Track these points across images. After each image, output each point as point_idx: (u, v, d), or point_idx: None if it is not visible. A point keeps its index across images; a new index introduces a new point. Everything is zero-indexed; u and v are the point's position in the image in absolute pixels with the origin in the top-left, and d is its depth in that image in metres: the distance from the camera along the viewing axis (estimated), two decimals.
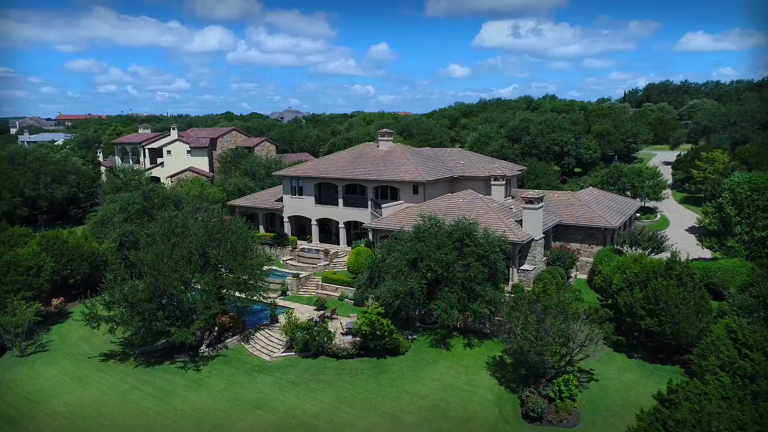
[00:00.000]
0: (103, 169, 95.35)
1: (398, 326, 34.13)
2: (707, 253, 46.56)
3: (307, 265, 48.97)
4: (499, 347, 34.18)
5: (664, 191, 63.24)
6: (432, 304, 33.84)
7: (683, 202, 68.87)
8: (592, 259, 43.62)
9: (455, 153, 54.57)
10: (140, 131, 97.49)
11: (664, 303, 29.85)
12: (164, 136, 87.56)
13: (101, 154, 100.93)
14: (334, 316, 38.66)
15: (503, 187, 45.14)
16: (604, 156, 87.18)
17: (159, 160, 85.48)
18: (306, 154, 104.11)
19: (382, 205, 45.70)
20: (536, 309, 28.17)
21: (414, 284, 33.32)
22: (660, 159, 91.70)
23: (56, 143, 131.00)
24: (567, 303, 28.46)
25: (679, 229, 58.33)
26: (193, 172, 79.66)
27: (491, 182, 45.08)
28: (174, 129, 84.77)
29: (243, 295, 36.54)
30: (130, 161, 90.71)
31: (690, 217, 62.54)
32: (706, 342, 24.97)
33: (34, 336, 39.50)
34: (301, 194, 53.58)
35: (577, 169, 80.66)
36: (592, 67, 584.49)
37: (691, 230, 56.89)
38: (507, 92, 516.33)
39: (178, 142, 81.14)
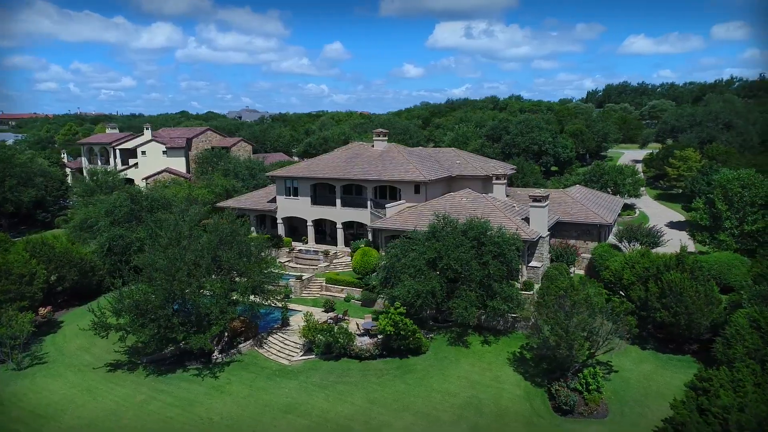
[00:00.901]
0: (68, 170, 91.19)
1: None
2: (690, 246, 48.85)
3: (307, 266, 48.40)
4: (516, 343, 34.83)
5: (642, 188, 65.84)
6: (451, 302, 34.09)
7: (658, 198, 71.94)
8: (589, 255, 44.96)
9: (450, 152, 55.09)
10: (108, 131, 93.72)
11: (678, 295, 31.14)
12: (136, 136, 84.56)
13: (65, 155, 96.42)
14: (346, 317, 38.41)
15: (505, 185, 45.92)
16: (577, 155, 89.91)
17: (132, 161, 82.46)
18: (281, 154, 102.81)
19: (386, 205, 45.65)
20: (564, 304, 28.83)
21: (435, 284, 33.49)
22: (628, 157, 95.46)
23: (7, 143, 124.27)
24: (592, 298, 29.28)
25: (659, 224, 60.70)
26: (170, 173, 77.26)
27: (493, 181, 45.75)
28: (147, 129, 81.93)
29: (256, 299, 35.71)
30: (99, 162, 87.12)
31: (666, 213, 65.38)
32: (731, 331, 26.22)
33: (28, 348, 37.43)
34: (296, 195, 52.84)
35: (554, 168, 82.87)
36: (541, 68, 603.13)
37: (670, 225, 59.45)
38: (460, 92, 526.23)
39: (153, 142, 78.49)
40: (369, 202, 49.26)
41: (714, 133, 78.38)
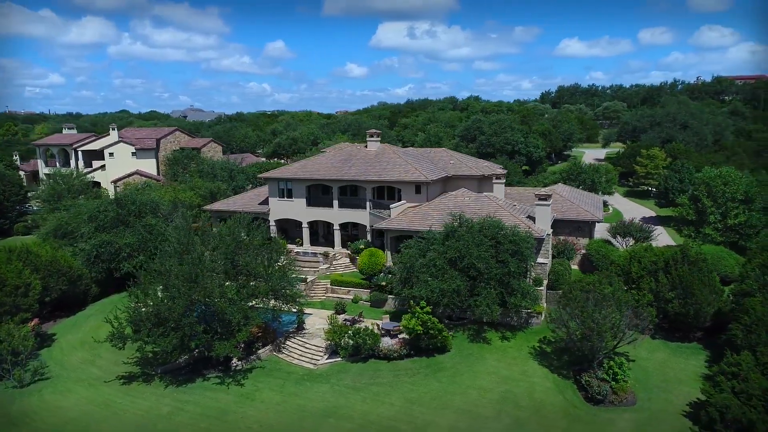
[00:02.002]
0: (22, 173, 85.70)
1: None
2: (667, 239, 51.89)
3: (307, 269, 47.80)
4: (533, 338, 35.89)
5: (614, 186, 69.09)
6: (473, 300, 34.70)
7: (627, 195, 75.70)
8: (583, 251, 46.82)
9: (442, 153, 55.81)
10: (65, 131, 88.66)
11: (688, 286, 33.10)
12: (100, 137, 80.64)
13: (17, 157, 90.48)
14: (361, 319, 38.32)
15: (503, 185, 47.09)
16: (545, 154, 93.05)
17: (96, 164, 78.47)
18: (249, 155, 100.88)
19: (391, 206, 45.76)
20: (591, 299, 30.01)
21: (459, 282, 34.03)
22: (590, 156, 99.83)
23: None
24: (616, 291, 30.65)
25: (633, 220, 64.03)
26: (141, 175, 74.15)
27: (494, 181, 46.80)
28: (114, 129, 78.28)
29: (277, 304, 35.07)
30: (57, 164, 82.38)
31: (638, 209, 68.91)
32: (750, 318, 28.15)
33: (24, 363, 35.13)
34: (290, 197, 52.06)
35: (525, 167, 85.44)
36: (482, 68, 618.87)
37: (644, 221, 62.70)
38: (403, 92, 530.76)
39: (121, 143, 75.02)
40: (368, 203, 49.22)
41: (672, 132, 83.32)
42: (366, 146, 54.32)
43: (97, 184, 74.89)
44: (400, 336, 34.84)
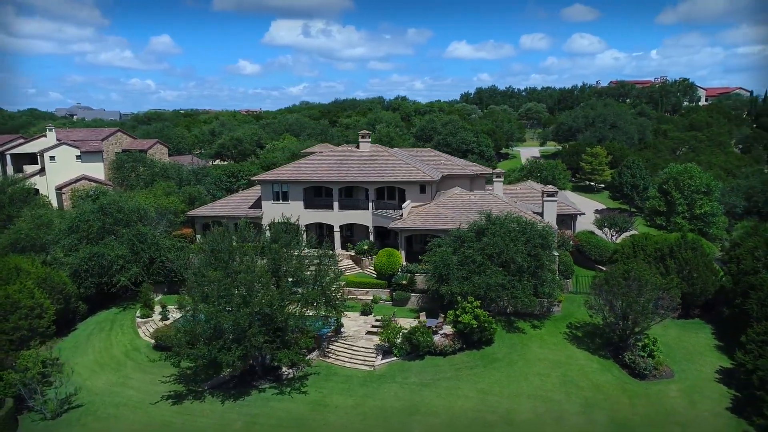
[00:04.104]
0: None
1: None
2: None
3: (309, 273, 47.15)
4: (559, 324, 38.54)
5: (567, 182, 74.86)
6: (511, 292, 36.61)
7: (575, 190, 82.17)
8: (570, 242, 50.72)
9: (428, 153, 57.34)
10: None
11: (693, 268, 37.51)
12: (33, 139, 72.78)
13: None
14: (394, 319, 38.85)
15: (502, 182, 49.67)
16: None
17: (29, 169, 70.69)
18: (191, 156, 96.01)
19: (403, 206, 46.50)
20: (634, 285, 33.09)
21: (502, 277, 35.82)
22: (527, 154, 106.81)
23: None
24: (653, 277, 34.06)
25: (589, 212, 69.96)
26: (89, 180, 68.09)
27: (494, 179, 49.13)
28: (51, 130, 71.00)
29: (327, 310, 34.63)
30: None
31: (589, 203, 75.13)
32: (765, 293, 32.65)
33: (40, 392, 31.72)
34: (285, 199, 51.01)
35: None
36: (376, 69, 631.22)
37: (597, 212, 68.79)
38: (297, 91, 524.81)
39: (64, 146, 68.26)
40: (371, 204, 49.58)
41: (604, 132, 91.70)
42: (357, 147, 54.46)
43: (36, 191, 67.57)
44: (441, 332, 35.94)
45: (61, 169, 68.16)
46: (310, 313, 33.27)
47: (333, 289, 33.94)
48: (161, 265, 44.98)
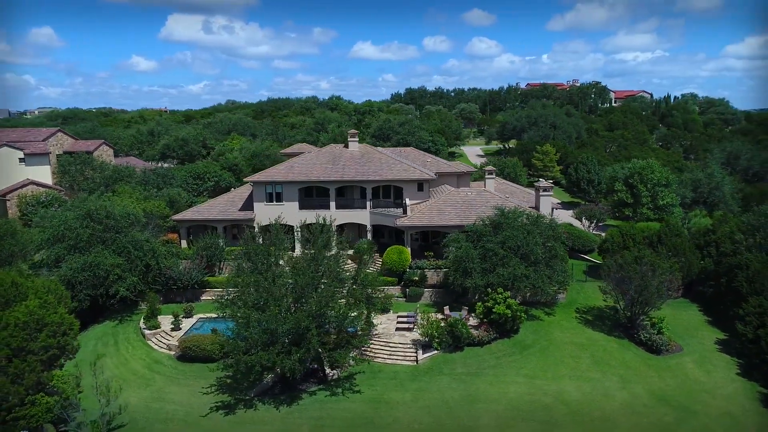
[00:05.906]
0: None
1: None
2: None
3: None
4: (568, 310, 41.27)
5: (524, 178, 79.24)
6: (534, 281, 38.70)
7: (528, 186, 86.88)
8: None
9: (413, 152, 58.48)
10: None
11: (682, 252, 41.81)
12: None
13: None
14: (418, 313, 39.73)
15: (494, 179, 51.94)
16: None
17: None
18: (134, 158, 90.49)
19: (407, 203, 47.25)
20: (648, 270, 36.29)
21: (524, 269, 37.82)
22: (473, 152, 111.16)
23: None
24: (661, 261, 37.57)
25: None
26: (36, 185, 62.18)
27: (486, 176, 51.32)
28: None
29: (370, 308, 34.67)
30: None
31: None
32: (750, 272, 37.15)
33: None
34: (279, 200, 50.02)
35: None
36: (281, 67, 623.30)
37: (554, 206, 73.49)
38: (198, 89, 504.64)
39: (6, 147, 61.75)
40: (368, 203, 49.91)
41: (546, 131, 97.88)
42: (345, 146, 54.46)
43: None
44: (469, 324, 37.32)
45: (3, 174, 61.68)
46: (354, 313, 33.22)
47: (374, 287, 34.10)
48: (158, 273, 42.53)
